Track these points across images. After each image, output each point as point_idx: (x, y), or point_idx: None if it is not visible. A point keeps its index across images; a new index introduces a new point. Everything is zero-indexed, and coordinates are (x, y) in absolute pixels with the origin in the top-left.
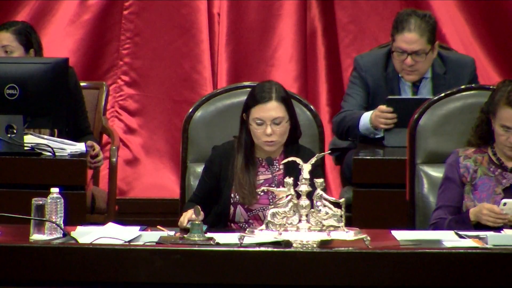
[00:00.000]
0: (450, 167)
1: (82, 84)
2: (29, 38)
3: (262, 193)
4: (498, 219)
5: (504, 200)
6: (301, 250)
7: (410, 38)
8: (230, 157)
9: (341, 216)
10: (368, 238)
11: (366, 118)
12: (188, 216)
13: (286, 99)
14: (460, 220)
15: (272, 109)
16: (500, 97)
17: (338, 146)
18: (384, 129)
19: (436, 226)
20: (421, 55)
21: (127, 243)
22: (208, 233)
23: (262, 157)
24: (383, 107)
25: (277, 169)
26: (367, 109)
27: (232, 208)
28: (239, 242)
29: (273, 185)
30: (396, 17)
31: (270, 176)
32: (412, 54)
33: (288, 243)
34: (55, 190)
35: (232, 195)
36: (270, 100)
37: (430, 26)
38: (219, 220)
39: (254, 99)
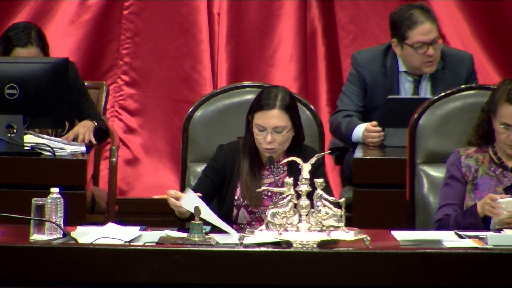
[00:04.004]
0: (452, 166)
1: None
2: (45, 40)
3: (265, 197)
4: (496, 209)
5: (499, 200)
6: (301, 250)
7: (427, 28)
8: (235, 159)
9: (341, 216)
10: (368, 238)
11: (359, 132)
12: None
13: (290, 108)
14: (467, 213)
15: (275, 117)
16: (500, 95)
17: (338, 146)
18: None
19: (442, 222)
20: (437, 42)
21: (127, 243)
22: (208, 233)
23: (266, 160)
24: (370, 126)
25: (281, 171)
26: (364, 108)
27: (235, 210)
28: (239, 242)
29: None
30: (396, 17)
31: (273, 179)
32: (432, 44)
33: (288, 243)
34: (55, 190)
35: (236, 197)
36: (274, 108)
37: (432, 13)
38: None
39: (259, 104)
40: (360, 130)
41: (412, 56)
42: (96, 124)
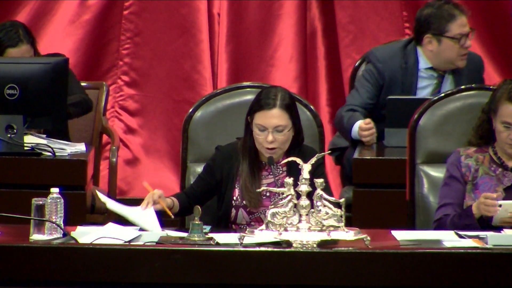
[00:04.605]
0: (452, 166)
1: (82, 84)
2: (32, 35)
3: (264, 197)
4: (491, 207)
5: (499, 202)
6: (301, 250)
7: (464, 21)
8: (233, 160)
9: (341, 216)
10: (368, 238)
11: (357, 128)
12: (151, 198)
13: (290, 107)
14: (463, 215)
15: (275, 116)
16: (501, 94)
17: (338, 146)
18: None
19: (440, 223)
20: (469, 35)
21: (127, 243)
22: (208, 233)
23: (265, 161)
24: (362, 124)
25: (280, 171)
26: (373, 105)
27: (234, 211)
28: (239, 242)
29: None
30: (431, 13)
31: (273, 180)
32: (468, 36)
33: (288, 243)
34: (55, 190)
35: (235, 197)
36: (274, 107)
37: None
38: (220, 221)
39: (259, 104)
40: (357, 126)
41: (451, 49)
42: None
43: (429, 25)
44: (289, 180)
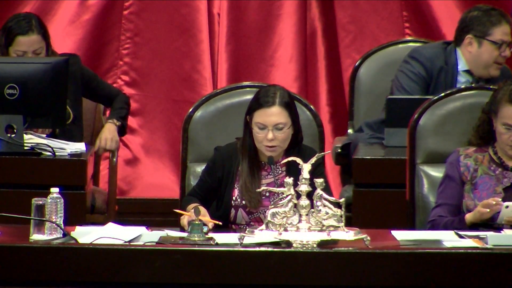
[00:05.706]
0: (450, 166)
1: None
2: (45, 28)
3: (264, 197)
4: (494, 207)
5: (506, 203)
6: (301, 250)
7: (508, 29)
8: (233, 160)
9: (341, 216)
10: (368, 238)
11: None
12: (187, 218)
13: (289, 105)
14: (455, 222)
15: (275, 114)
16: (502, 95)
17: (346, 143)
18: None
19: (434, 224)
20: (509, 47)
21: (127, 243)
22: (208, 233)
23: (265, 161)
24: None
25: (279, 171)
26: None
27: (233, 211)
28: (239, 242)
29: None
30: (478, 14)
31: (273, 179)
32: (509, 45)
33: (288, 243)
34: (55, 190)
35: (234, 197)
36: (273, 105)
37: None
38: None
39: (258, 102)
40: None
41: (489, 54)
42: (118, 123)
43: (473, 25)
44: (289, 180)
